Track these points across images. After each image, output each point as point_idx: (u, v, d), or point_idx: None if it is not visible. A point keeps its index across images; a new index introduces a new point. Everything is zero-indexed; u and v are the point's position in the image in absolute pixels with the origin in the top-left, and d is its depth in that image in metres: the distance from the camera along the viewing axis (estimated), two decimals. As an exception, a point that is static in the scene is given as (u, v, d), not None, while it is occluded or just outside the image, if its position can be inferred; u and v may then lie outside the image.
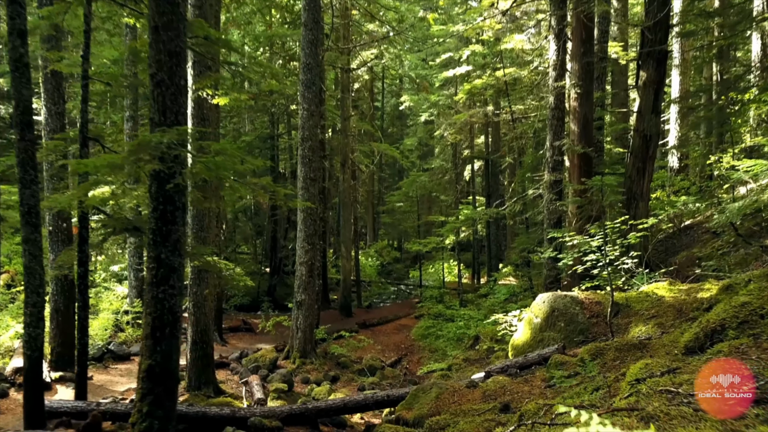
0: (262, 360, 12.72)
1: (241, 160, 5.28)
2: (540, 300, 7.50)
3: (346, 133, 20.31)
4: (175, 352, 5.60)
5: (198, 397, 8.39)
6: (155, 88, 5.52)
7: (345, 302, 20.66)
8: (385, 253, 34.08)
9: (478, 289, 20.89)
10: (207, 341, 10.15)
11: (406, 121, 40.00)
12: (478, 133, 26.80)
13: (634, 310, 6.91)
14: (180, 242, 5.64)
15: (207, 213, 9.96)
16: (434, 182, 27.47)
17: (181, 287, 5.71)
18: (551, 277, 11.68)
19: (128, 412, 6.48)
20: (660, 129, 11.29)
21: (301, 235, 13.08)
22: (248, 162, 5.62)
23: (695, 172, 21.81)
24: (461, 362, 13.12)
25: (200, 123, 9.90)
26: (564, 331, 7.02)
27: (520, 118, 19.51)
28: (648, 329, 6.10)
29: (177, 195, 5.57)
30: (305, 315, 13.15)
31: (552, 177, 11.76)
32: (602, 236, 7.03)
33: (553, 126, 11.92)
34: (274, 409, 7.07)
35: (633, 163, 10.92)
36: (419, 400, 6.23)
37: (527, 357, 6.67)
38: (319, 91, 15.37)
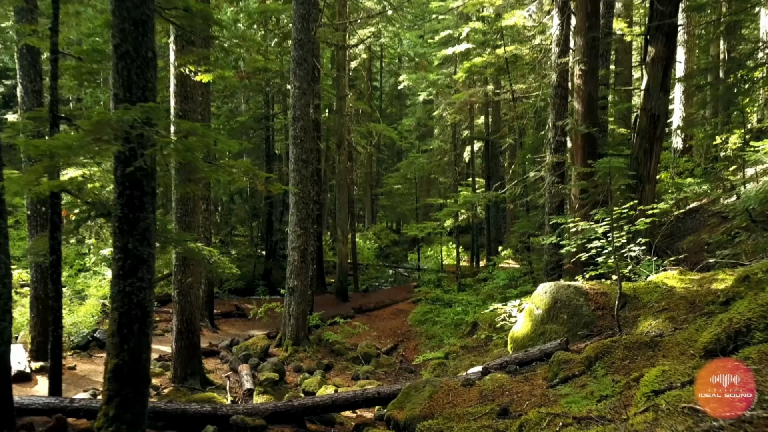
0: (253, 348, 12.32)
1: (214, 141, 4.77)
2: (541, 290, 7.04)
3: (342, 113, 19.72)
4: (145, 351, 5.16)
5: (180, 391, 7.98)
6: (119, 61, 5.00)
7: (341, 287, 20.26)
8: (383, 236, 33.64)
9: (477, 273, 20.46)
10: (193, 330, 9.73)
11: (404, 101, 39.30)
12: (478, 113, 26.18)
13: (643, 302, 6.45)
14: (149, 230, 5.16)
15: (192, 197, 9.46)
16: (433, 164, 26.92)
17: (151, 279, 5.25)
18: (552, 262, 11.24)
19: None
20: (668, 108, 10.74)
21: (293, 219, 12.59)
22: (223, 143, 5.11)
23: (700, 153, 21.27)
24: (459, 350, 12.73)
25: (183, 101, 9.36)
26: (567, 324, 6.57)
27: (521, 97, 18.91)
28: (658, 324, 5.65)
29: (145, 179, 5.08)
30: (298, 302, 12.73)
31: (554, 158, 11.25)
32: (609, 222, 6.55)
33: (555, 105, 11.38)
34: (258, 407, 6.65)
35: (639, 144, 10.41)
36: (411, 400, 5.80)
37: (527, 352, 6.23)
38: (312, 69, 14.78)
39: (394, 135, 22.46)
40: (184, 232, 8.90)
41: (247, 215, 29.05)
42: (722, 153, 18.24)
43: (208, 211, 14.62)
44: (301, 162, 12.44)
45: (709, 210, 14.08)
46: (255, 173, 5.25)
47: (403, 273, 27.69)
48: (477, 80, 22.12)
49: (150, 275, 5.20)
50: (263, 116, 24.20)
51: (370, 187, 36.90)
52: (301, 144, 12.45)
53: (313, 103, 17.41)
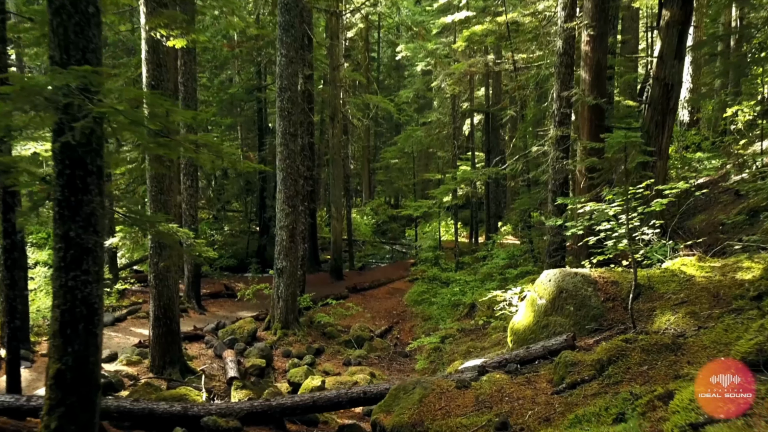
0: (239, 332, 11.73)
1: (166, 112, 4.05)
2: (545, 278, 6.38)
3: (336, 84, 18.84)
4: (93, 353, 4.51)
5: (151, 386, 7.37)
6: (54, 17, 4.24)
7: (335, 265, 19.63)
8: (381, 211, 32.95)
9: (475, 250, 19.82)
10: (171, 317, 9.11)
11: (403, 73, 38.23)
12: (478, 84, 25.24)
13: (658, 293, 5.80)
14: (96, 216, 4.46)
15: (167, 174, 8.75)
16: (432, 137, 26.06)
17: (99, 272, 4.57)
18: (555, 243, 10.56)
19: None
20: (682, 77, 9.97)
21: (281, 197, 11.89)
22: (178, 114, 4.39)
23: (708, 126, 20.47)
24: (456, 333, 12.16)
25: (156, 69, 8.58)
26: (573, 316, 5.93)
27: (523, 67, 18.01)
28: (678, 320, 4.99)
29: (89, 156, 4.37)
30: (287, 283, 12.10)
31: (559, 132, 10.49)
32: (621, 203, 5.87)
33: (560, 74, 10.57)
34: (233, 407, 6.05)
35: (651, 116, 9.67)
36: (400, 403, 5.18)
37: (529, 349, 5.59)
38: (301, 36, 13.94)
39: (390, 107, 21.58)
40: (158, 213, 8.22)
41: (240, 190, 28.28)
42: (732, 126, 17.48)
43: (193, 188, 13.89)
44: (288, 136, 11.68)
45: (719, 185, 13.36)
46: (219, 150, 4.55)
47: (400, 249, 27.08)
48: (477, 50, 21.18)
49: (98, 267, 4.52)
50: (255, 88, 23.29)
51: (368, 161, 36.09)
52: (288, 116, 11.67)
53: (305, 73, 16.57)
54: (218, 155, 4.53)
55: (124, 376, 8.69)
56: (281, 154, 11.72)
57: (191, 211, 13.77)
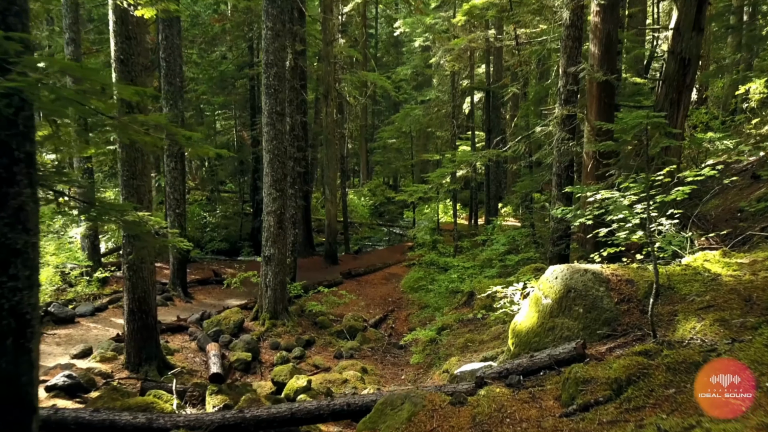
0: (225, 322, 11.12)
1: (101, 87, 3.34)
2: (551, 274, 5.72)
3: (330, 60, 18.01)
4: (26, 372, 3.85)
5: (117, 391, 6.75)
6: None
7: (330, 249, 18.99)
8: (379, 192, 32.21)
9: (475, 234, 19.18)
10: (147, 310, 8.47)
11: (401, 49, 37.24)
12: (479, 61, 24.32)
13: (680, 294, 5.14)
14: (25, 211, 3.77)
15: (140, 157, 8.04)
16: (430, 116, 25.20)
17: (32, 276, 3.90)
18: (560, 230, 9.92)
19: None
20: (701, 50, 9.20)
21: (268, 180, 11.18)
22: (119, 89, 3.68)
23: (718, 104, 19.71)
24: (453, 323, 11.57)
25: (125, 43, 7.82)
26: (583, 319, 5.28)
27: (526, 42, 17.16)
28: (705, 329, 4.34)
29: (15, 141, 3.67)
30: (275, 271, 11.46)
31: (564, 111, 9.77)
32: (638, 190, 5.20)
33: (567, 48, 9.81)
34: (203, 418, 5.44)
35: (665, 94, 8.92)
36: (387, 420, 4.56)
37: (534, 358, 4.95)
38: (289, 8, 13.11)
39: (386, 84, 20.76)
40: (126, 201, 7.54)
41: (235, 170, 27.51)
42: (745, 104, 16.74)
43: (177, 170, 13.18)
44: (275, 115, 10.94)
45: (732, 168, 12.64)
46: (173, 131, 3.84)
47: (398, 232, 26.44)
48: (477, 24, 20.27)
49: (30, 271, 3.84)
50: (246, 64, 22.38)
51: (365, 140, 35.24)
52: (275, 94, 10.92)
53: (296, 48, 15.76)
54: (173, 139, 3.83)
55: (97, 374, 8.08)
56: (267, 135, 10.99)
57: (176, 194, 13.08)
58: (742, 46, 16.11)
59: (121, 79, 7.74)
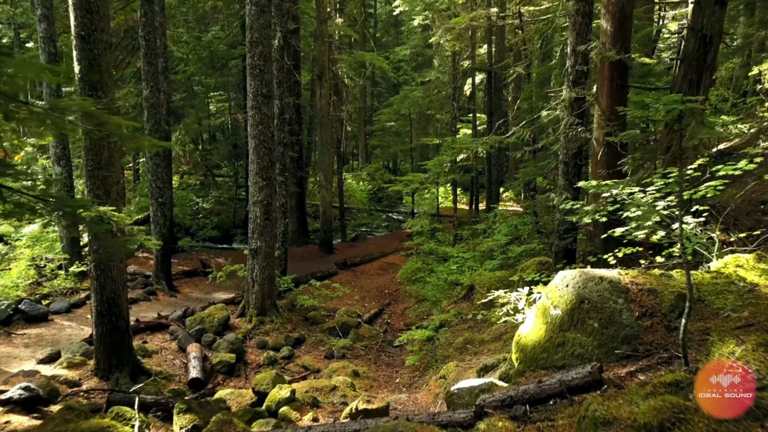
0: (209, 320, 10.44)
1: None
2: (561, 282, 5.00)
3: (323, 39, 17.12)
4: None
5: (71, 410, 6.07)
6: None
7: (325, 237, 18.28)
8: (378, 177, 31.41)
9: (476, 221, 18.43)
10: (117, 312, 7.77)
11: (400, 29, 36.17)
12: (480, 41, 23.36)
13: (712, 309, 4.42)
14: None
15: (106, 145, 7.28)
16: (430, 98, 24.27)
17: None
18: (567, 223, 9.16)
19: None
20: (723, 27, 8.37)
21: (253, 168, 10.42)
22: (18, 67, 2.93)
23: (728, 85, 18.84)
24: (452, 319, 10.91)
25: (86, 17, 7.02)
26: (598, 335, 4.57)
27: (530, 20, 16.26)
28: (747, 354, 3.63)
29: None
30: (262, 265, 10.76)
31: (573, 93, 8.97)
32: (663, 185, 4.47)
33: (576, 24, 8.97)
34: (163, 447, 4.78)
35: (684, 74, 8.12)
36: (368, 460, 3.87)
37: (542, 384, 4.24)
38: (277, -17, 12.22)
39: (384, 64, 19.89)
40: (87, 195, 6.79)
41: (229, 153, 26.70)
42: (758, 86, 15.92)
43: (160, 156, 12.39)
44: (261, 97, 10.14)
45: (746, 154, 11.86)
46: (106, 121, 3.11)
47: (397, 218, 25.69)
48: (479, 2, 19.33)
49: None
50: (239, 44, 21.46)
51: (364, 123, 34.37)
52: (260, 75, 10.12)
53: (288, 27, 14.90)
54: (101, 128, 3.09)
55: (62, 382, 7.41)
56: (253, 119, 10.21)
57: (158, 182, 12.32)
58: (764, 23, 15.20)
59: (81, 57, 6.96)
